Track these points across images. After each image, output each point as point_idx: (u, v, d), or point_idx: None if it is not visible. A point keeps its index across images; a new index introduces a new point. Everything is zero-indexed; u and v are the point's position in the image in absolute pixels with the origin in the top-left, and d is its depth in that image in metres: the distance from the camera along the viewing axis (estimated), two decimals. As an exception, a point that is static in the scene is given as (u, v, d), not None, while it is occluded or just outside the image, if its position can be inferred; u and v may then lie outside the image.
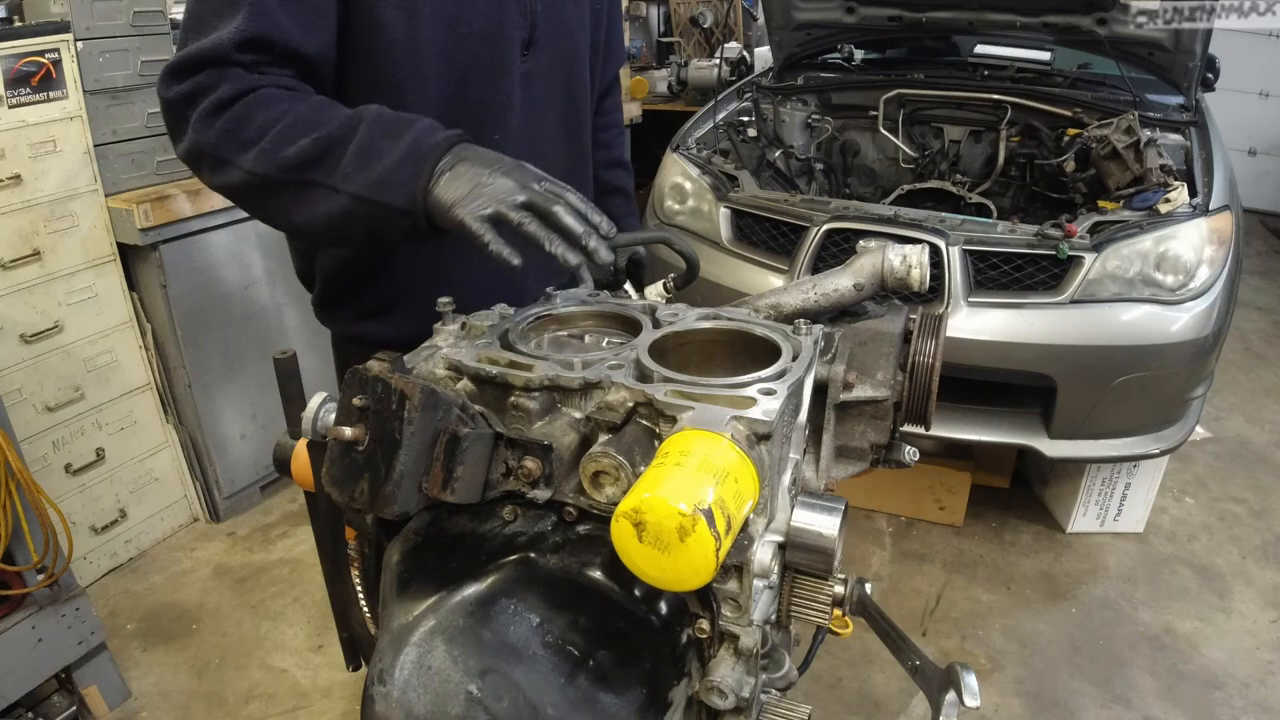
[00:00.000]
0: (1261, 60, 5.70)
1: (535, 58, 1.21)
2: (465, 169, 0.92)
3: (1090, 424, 2.49)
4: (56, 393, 2.54)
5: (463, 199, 0.91)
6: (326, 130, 0.96)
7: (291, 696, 2.34)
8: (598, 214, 0.95)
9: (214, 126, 0.98)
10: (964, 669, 0.83)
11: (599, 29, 1.35)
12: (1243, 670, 2.41)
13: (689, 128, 3.31)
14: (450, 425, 0.71)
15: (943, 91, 3.34)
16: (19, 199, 2.38)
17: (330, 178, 0.95)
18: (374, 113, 0.97)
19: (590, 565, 0.74)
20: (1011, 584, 2.77)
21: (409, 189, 0.92)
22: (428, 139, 0.94)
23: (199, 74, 0.99)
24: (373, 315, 1.26)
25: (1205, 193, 2.52)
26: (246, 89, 0.99)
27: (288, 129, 0.96)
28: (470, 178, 0.91)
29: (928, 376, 0.94)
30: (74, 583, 2.13)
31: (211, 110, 0.98)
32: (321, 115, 0.98)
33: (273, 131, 0.96)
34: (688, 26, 5.05)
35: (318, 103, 1.01)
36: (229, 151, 0.98)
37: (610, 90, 1.52)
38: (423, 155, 0.93)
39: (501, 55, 1.16)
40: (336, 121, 0.96)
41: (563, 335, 0.97)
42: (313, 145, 0.95)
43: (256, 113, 0.98)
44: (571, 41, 1.28)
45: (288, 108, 0.98)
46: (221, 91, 0.98)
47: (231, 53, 0.98)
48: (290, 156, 0.96)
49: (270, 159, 0.96)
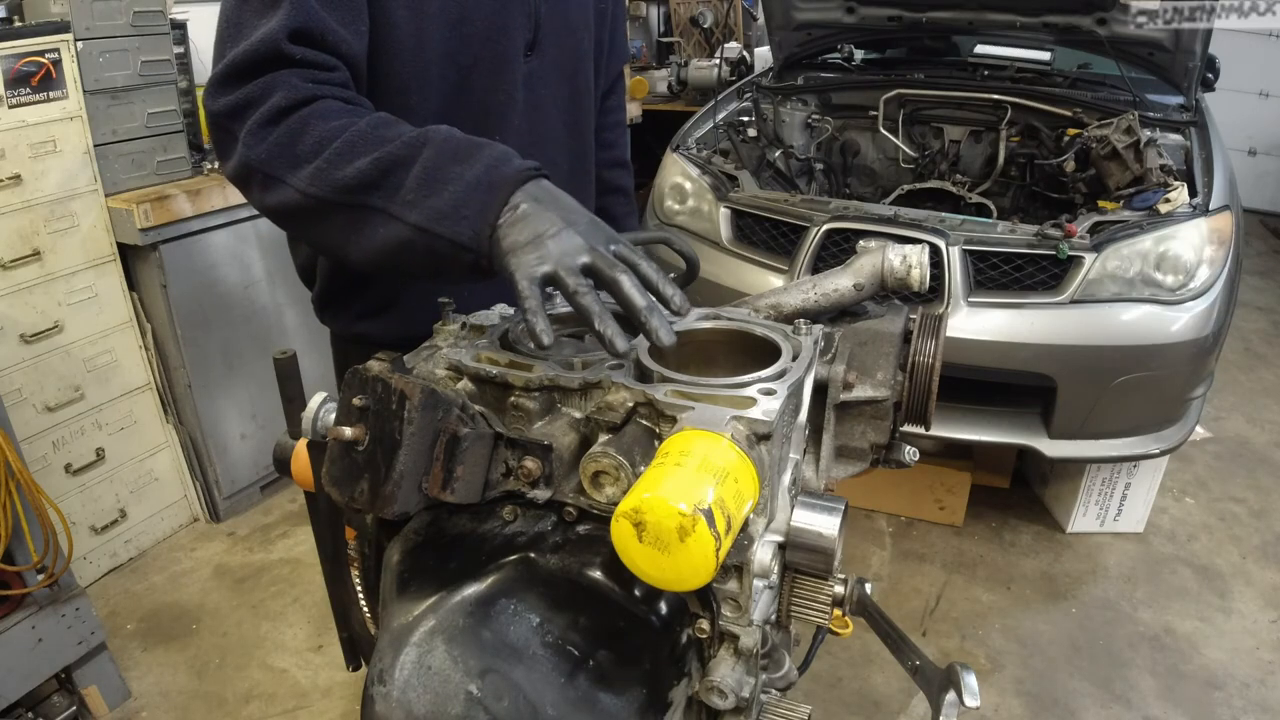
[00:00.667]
0: (1261, 60, 5.70)
1: (539, 58, 1.21)
2: (534, 211, 0.82)
3: (1090, 424, 2.49)
4: (56, 393, 2.54)
5: (521, 247, 0.80)
6: (388, 150, 0.86)
7: (291, 696, 2.34)
8: (670, 286, 0.81)
9: (266, 140, 0.90)
10: (964, 669, 0.83)
11: (603, 27, 1.35)
12: (1243, 670, 2.41)
13: (689, 128, 3.31)
14: (450, 425, 0.71)
15: (943, 91, 3.34)
16: (19, 199, 2.38)
17: (390, 203, 0.86)
18: (443, 133, 0.88)
19: (590, 565, 0.74)
20: (1011, 584, 2.77)
21: (475, 223, 0.82)
22: (502, 167, 0.85)
23: (250, 82, 0.91)
24: (373, 314, 1.26)
25: (1205, 193, 2.52)
26: (303, 99, 0.91)
27: (346, 146, 0.87)
28: (535, 225, 0.81)
29: (928, 376, 0.94)
30: (74, 583, 2.13)
31: (264, 122, 0.90)
32: (385, 132, 0.88)
33: (330, 149, 0.88)
34: (688, 26, 5.05)
35: (381, 118, 0.92)
36: (281, 169, 0.90)
37: (613, 89, 1.51)
38: (495, 186, 0.83)
39: (504, 55, 1.16)
40: (400, 140, 0.87)
41: (563, 335, 0.97)
42: (372, 166, 0.86)
43: (312, 126, 0.89)
44: (575, 41, 1.27)
45: (346, 122, 0.89)
46: (275, 100, 0.90)
47: (283, 44, 0.91)
48: (348, 177, 0.86)
49: (326, 179, 0.87)
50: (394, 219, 0.86)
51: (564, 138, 1.31)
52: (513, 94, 1.19)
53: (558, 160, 1.31)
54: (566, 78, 1.27)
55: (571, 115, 1.31)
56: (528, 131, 1.23)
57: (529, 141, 1.24)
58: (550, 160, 1.29)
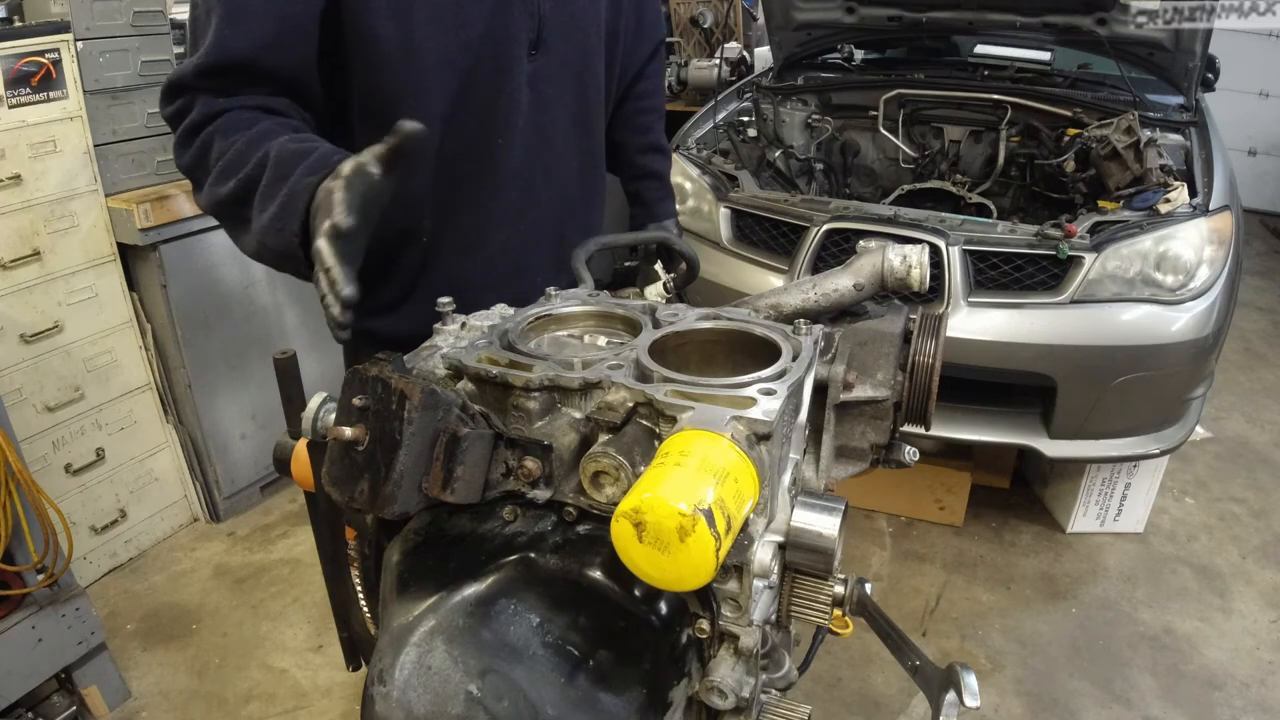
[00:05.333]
0: (1261, 60, 5.70)
1: (543, 57, 1.19)
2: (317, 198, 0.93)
3: (1090, 424, 2.49)
4: (56, 393, 2.54)
5: None
6: (247, 171, 0.99)
7: (291, 696, 2.34)
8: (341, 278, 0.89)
9: (188, 151, 1.06)
10: (964, 669, 0.83)
11: (619, 16, 1.32)
12: (1243, 670, 2.41)
13: (689, 128, 3.31)
14: (450, 425, 0.71)
15: (943, 91, 3.34)
16: (19, 199, 2.38)
17: (250, 215, 1.00)
18: (277, 150, 0.99)
19: (590, 565, 0.74)
20: (1011, 584, 2.77)
21: (287, 234, 0.95)
22: (307, 177, 0.94)
23: (178, 98, 1.05)
24: (383, 311, 1.26)
25: (1205, 193, 2.52)
26: (213, 113, 1.03)
27: (228, 165, 1.01)
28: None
29: (928, 376, 0.94)
30: (74, 583, 2.13)
31: (185, 135, 1.05)
32: (251, 151, 1.00)
33: (218, 166, 1.02)
34: (688, 26, 5.05)
35: (260, 133, 1.02)
36: (198, 176, 1.06)
37: (644, 72, 1.48)
38: (297, 196, 0.94)
39: (506, 58, 1.15)
40: (254, 160, 0.99)
41: (563, 335, 0.97)
42: (239, 185, 1.00)
43: (214, 142, 1.03)
44: (583, 37, 1.25)
45: (238, 137, 1.01)
46: (193, 116, 1.04)
47: (195, 81, 1.03)
48: (226, 194, 1.02)
49: (214, 194, 1.03)
50: (251, 230, 1.01)
51: (573, 135, 1.30)
52: (516, 95, 1.18)
53: (566, 158, 1.30)
54: (574, 75, 1.26)
55: (580, 112, 1.29)
56: (534, 131, 1.22)
57: (536, 141, 1.23)
58: (559, 158, 1.28)
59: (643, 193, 1.54)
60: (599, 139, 1.37)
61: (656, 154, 1.55)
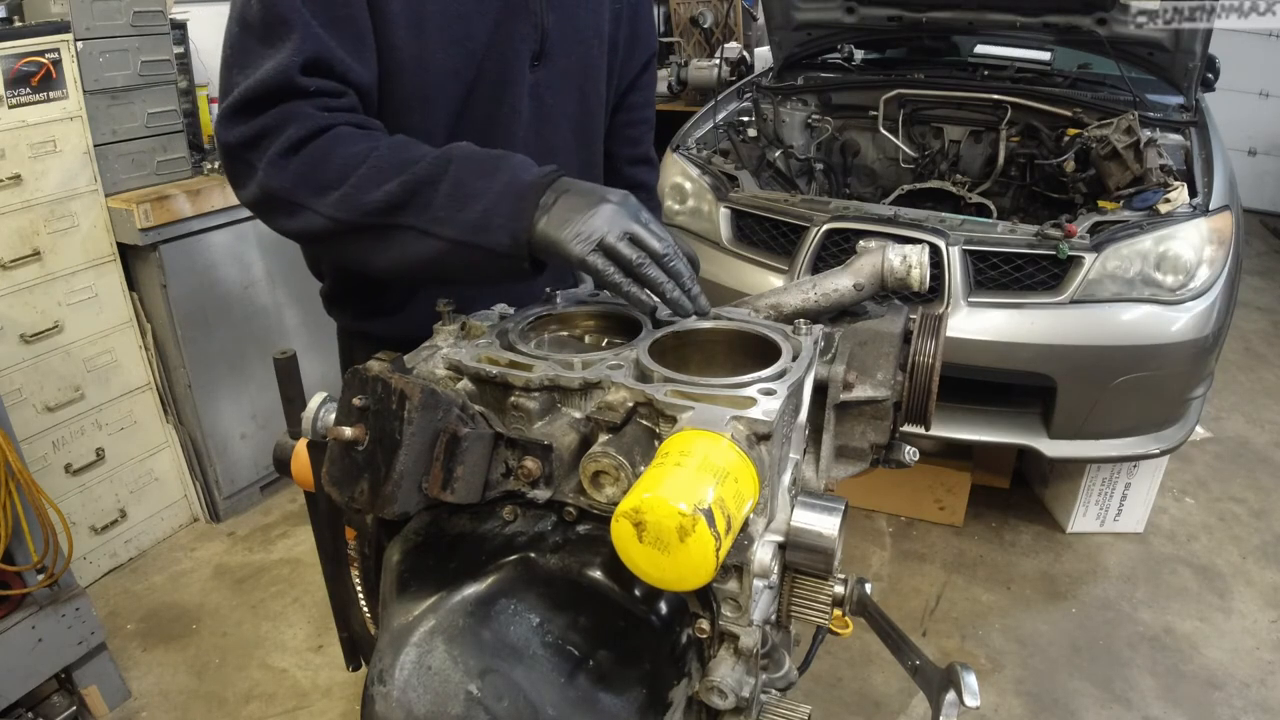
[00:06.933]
0: (1261, 60, 5.70)
1: (546, 69, 1.19)
2: (566, 202, 0.89)
3: (1090, 424, 2.49)
4: (56, 393, 2.54)
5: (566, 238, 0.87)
6: (413, 171, 0.91)
7: (291, 696, 2.34)
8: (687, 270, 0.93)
9: (288, 169, 0.94)
10: (964, 669, 0.83)
11: (619, 28, 1.31)
12: (1243, 670, 2.41)
13: (689, 128, 3.31)
14: (450, 425, 0.71)
15: (943, 91, 3.34)
16: (19, 199, 2.38)
17: (421, 221, 0.91)
18: (464, 151, 0.94)
19: (590, 565, 0.74)
20: (1011, 584, 2.77)
21: (510, 231, 0.89)
22: (524, 175, 0.91)
23: (264, 113, 0.94)
24: (383, 313, 1.26)
25: (1205, 193, 2.52)
26: (320, 128, 0.94)
27: (371, 171, 0.92)
28: (570, 213, 0.88)
29: (928, 376, 0.94)
30: (74, 583, 2.13)
31: (284, 152, 0.93)
32: (406, 154, 0.93)
33: (355, 174, 0.92)
34: (688, 26, 5.05)
35: (398, 141, 0.96)
36: (306, 196, 0.94)
37: (637, 83, 1.46)
38: (521, 194, 0.89)
39: (509, 68, 1.15)
40: (424, 161, 0.92)
41: (563, 335, 0.97)
42: (400, 188, 0.91)
43: (334, 153, 0.93)
44: (585, 49, 1.24)
45: (368, 147, 0.93)
46: (292, 131, 0.93)
47: (297, 78, 0.94)
48: (377, 200, 0.91)
49: (354, 204, 0.92)
50: (427, 235, 0.91)
51: (573, 146, 1.29)
52: (518, 106, 1.18)
53: (567, 169, 1.30)
54: (575, 86, 1.25)
55: (580, 123, 1.29)
56: (535, 142, 1.21)
57: (536, 152, 1.22)
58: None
59: None
60: (598, 150, 1.37)
61: (645, 166, 1.55)
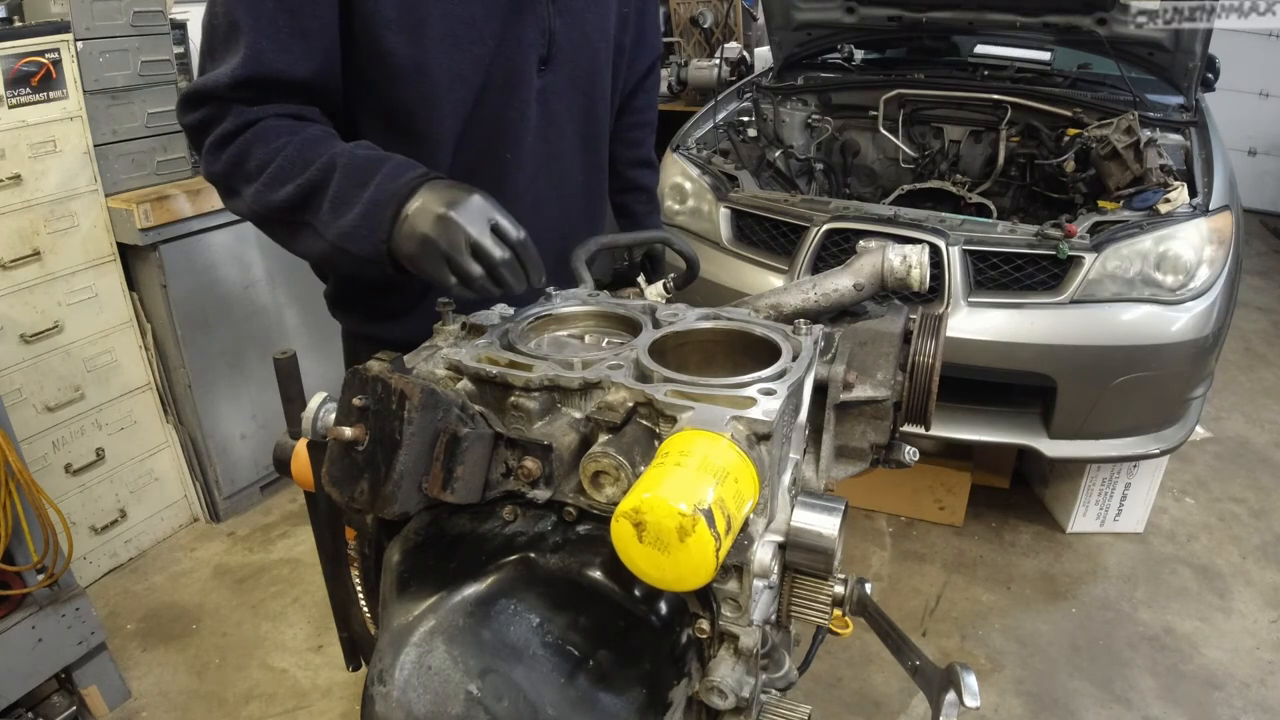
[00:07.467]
0: (1261, 60, 5.70)
1: (553, 73, 1.19)
2: (420, 214, 0.94)
3: (1090, 424, 2.49)
4: (56, 393, 2.54)
5: (417, 253, 0.94)
6: (308, 176, 0.99)
7: (291, 696, 2.34)
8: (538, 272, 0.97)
9: (220, 159, 1.04)
10: (964, 669, 0.83)
11: (625, 31, 1.32)
12: (1243, 670, 2.41)
13: (689, 128, 3.31)
14: (450, 425, 0.71)
15: (943, 91, 3.33)
16: (19, 199, 2.38)
17: (315, 221, 1.00)
18: (347, 157, 1.00)
19: (590, 565, 0.74)
20: (1011, 584, 2.77)
21: (371, 241, 0.96)
22: (391, 185, 0.96)
23: (205, 106, 1.04)
24: (387, 318, 1.26)
25: (1205, 193, 2.52)
26: (248, 122, 1.03)
27: (279, 171, 1.00)
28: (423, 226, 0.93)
29: (928, 376, 0.94)
30: (74, 583, 2.13)
31: (218, 143, 1.04)
32: (308, 156, 1.00)
33: (266, 172, 1.01)
34: (688, 26, 5.05)
35: (310, 139, 1.03)
36: (235, 183, 1.05)
37: (641, 86, 1.47)
38: (384, 204, 0.95)
39: (517, 74, 1.15)
40: (316, 166, 1.00)
41: (563, 335, 0.97)
42: (297, 191, 1.00)
43: (255, 149, 1.02)
44: (592, 54, 1.24)
45: (283, 143, 1.01)
46: (225, 125, 1.03)
47: (227, 93, 1.02)
48: (280, 199, 1.01)
49: (265, 199, 1.02)
50: (318, 235, 1.01)
51: (578, 150, 1.29)
52: (525, 111, 1.18)
53: (572, 173, 1.29)
54: (582, 90, 1.25)
55: (586, 127, 1.29)
56: (542, 146, 1.22)
57: (542, 156, 1.23)
58: (565, 173, 1.28)
59: (630, 205, 1.55)
60: (603, 154, 1.37)
61: (646, 169, 1.56)
